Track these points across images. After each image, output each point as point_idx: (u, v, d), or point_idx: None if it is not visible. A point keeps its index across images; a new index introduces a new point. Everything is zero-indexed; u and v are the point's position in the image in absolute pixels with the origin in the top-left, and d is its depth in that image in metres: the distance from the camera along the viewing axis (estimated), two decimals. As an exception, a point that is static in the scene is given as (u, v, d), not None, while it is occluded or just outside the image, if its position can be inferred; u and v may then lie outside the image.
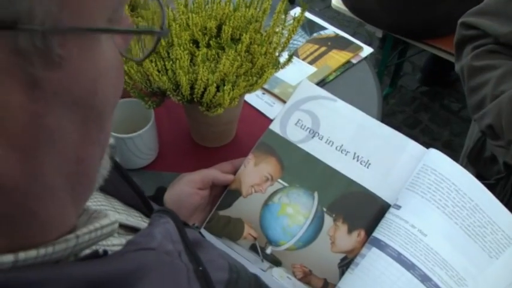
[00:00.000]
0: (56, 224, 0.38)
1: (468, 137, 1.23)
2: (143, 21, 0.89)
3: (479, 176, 1.16)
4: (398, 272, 0.70)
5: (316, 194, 0.85)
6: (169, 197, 0.86)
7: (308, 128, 0.92)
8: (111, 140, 1.02)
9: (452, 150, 2.51)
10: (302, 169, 0.88)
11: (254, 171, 0.90)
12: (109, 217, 0.42)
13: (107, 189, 0.59)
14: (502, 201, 1.06)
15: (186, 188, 0.86)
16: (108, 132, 0.41)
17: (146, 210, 0.61)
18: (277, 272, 0.80)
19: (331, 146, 0.89)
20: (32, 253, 0.35)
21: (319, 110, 0.93)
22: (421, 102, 2.81)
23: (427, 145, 0.84)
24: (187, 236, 0.50)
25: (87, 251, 0.41)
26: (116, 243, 0.47)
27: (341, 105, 0.94)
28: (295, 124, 0.93)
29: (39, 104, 0.32)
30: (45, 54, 0.31)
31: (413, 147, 0.85)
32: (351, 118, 0.91)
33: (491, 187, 1.09)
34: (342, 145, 0.88)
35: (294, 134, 0.92)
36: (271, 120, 1.18)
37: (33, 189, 0.34)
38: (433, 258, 0.71)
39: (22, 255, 0.34)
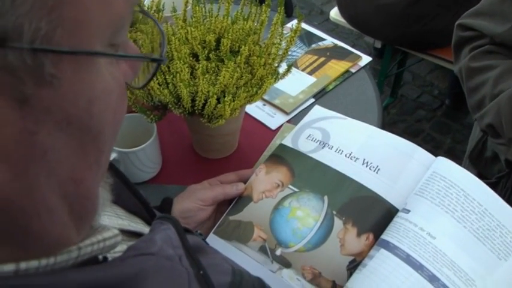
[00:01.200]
0: (56, 242, 0.38)
1: (470, 139, 1.24)
2: (142, 35, 0.90)
3: (481, 176, 1.17)
4: (406, 272, 0.71)
5: (326, 198, 0.86)
6: (177, 210, 0.87)
7: (318, 140, 0.95)
8: (115, 154, 1.03)
9: (455, 157, 2.50)
10: (312, 175, 0.90)
11: (265, 179, 0.93)
12: (112, 230, 0.43)
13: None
14: (503, 197, 1.08)
15: (196, 206, 0.88)
16: (108, 155, 0.41)
17: (149, 217, 0.62)
18: (286, 273, 0.81)
19: (341, 154, 0.91)
20: (34, 263, 0.35)
21: (329, 126, 0.97)
22: (422, 111, 2.82)
23: (430, 153, 0.86)
24: (188, 242, 0.50)
25: None
26: (117, 249, 0.48)
27: (350, 121, 0.97)
28: (306, 138, 0.97)
29: (30, 121, 0.32)
30: (36, 72, 0.31)
31: (421, 154, 0.87)
32: (359, 130, 0.94)
33: (492, 186, 1.11)
34: (352, 153, 0.90)
35: (304, 146, 0.95)
36: (272, 131, 1.20)
37: (27, 206, 0.34)
38: (441, 259, 0.71)
39: (23, 265, 0.35)
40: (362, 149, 0.91)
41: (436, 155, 0.85)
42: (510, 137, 0.93)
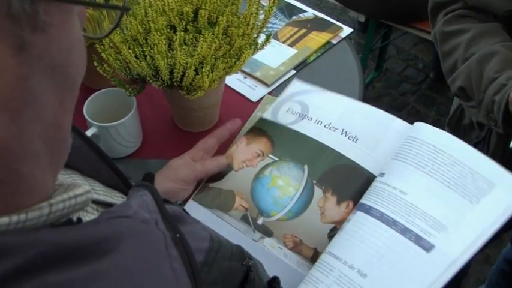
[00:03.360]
0: (38, 187, 0.39)
1: (452, 108, 1.24)
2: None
3: None
4: (381, 229, 0.73)
5: (306, 167, 0.87)
6: (159, 191, 0.86)
7: (298, 112, 0.96)
8: (94, 129, 1.02)
9: (439, 130, 2.53)
10: (292, 145, 0.91)
11: (246, 149, 0.94)
12: (83, 187, 0.43)
13: (86, 171, 0.60)
14: None
15: (178, 187, 0.89)
16: (74, 103, 0.42)
17: (126, 190, 0.62)
18: (268, 242, 0.82)
19: (320, 124, 0.91)
20: (4, 220, 0.35)
21: (308, 99, 0.98)
22: (407, 84, 2.82)
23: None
24: (164, 207, 0.50)
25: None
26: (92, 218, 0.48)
27: (329, 93, 0.98)
28: (286, 111, 0.97)
29: (25, 67, 0.34)
30: (33, 19, 0.33)
31: (398, 124, 0.88)
32: (338, 102, 0.95)
33: None
34: (330, 123, 0.91)
35: (284, 118, 0.96)
36: (253, 103, 1.20)
37: (19, 151, 0.35)
38: (413, 212, 0.73)
39: None
40: (341, 119, 0.91)
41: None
42: (480, 99, 0.94)
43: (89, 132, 1.01)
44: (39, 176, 0.39)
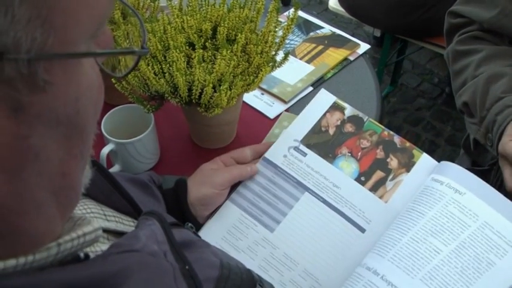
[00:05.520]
0: (43, 236, 0.38)
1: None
2: (132, 27, 0.89)
3: (475, 164, 1.17)
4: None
5: None
6: (195, 197, 0.87)
7: None
8: (112, 146, 1.02)
9: (455, 145, 2.51)
10: None
11: None
12: (92, 224, 0.42)
13: (100, 199, 0.59)
14: (495, 185, 1.07)
15: (214, 191, 0.88)
16: (89, 145, 0.41)
17: (138, 217, 0.62)
18: None
19: None
20: (11, 262, 0.35)
21: None
22: (422, 99, 2.81)
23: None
24: (173, 236, 0.50)
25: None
26: (104, 249, 0.47)
27: None
28: None
29: (23, 127, 0.32)
30: (31, 80, 0.32)
31: None
32: None
33: (485, 173, 1.10)
34: None
35: None
36: (271, 120, 1.19)
37: (19, 206, 0.35)
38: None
39: (1, 264, 0.34)
40: None
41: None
42: (482, 116, 0.93)
43: (106, 149, 1.01)
44: (43, 226, 0.38)
